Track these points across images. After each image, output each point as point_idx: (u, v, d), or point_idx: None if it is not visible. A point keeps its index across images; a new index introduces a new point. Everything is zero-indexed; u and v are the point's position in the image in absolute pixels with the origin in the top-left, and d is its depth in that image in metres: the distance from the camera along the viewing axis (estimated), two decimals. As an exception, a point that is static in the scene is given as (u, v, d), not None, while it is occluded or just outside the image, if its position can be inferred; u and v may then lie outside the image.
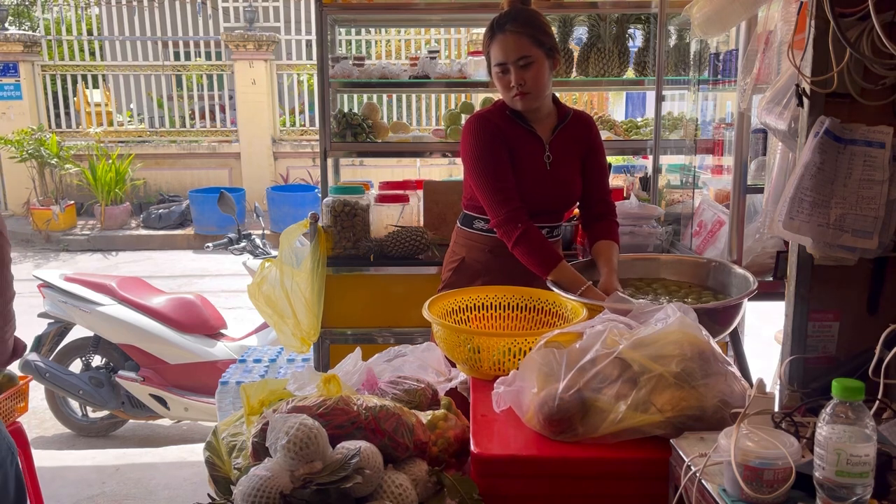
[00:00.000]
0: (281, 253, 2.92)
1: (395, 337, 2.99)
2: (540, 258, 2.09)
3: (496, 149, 2.17)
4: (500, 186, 2.14)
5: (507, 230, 2.13)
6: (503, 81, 2.15)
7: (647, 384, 1.38)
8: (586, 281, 2.02)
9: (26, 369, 3.71)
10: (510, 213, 2.12)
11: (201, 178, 9.85)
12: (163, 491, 3.14)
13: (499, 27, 2.13)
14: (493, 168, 2.16)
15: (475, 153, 2.18)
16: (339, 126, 3.29)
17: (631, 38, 3.44)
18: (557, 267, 2.05)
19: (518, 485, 1.41)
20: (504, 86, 2.16)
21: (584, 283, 2.00)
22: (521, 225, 2.11)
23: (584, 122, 2.32)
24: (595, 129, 2.34)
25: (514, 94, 2.15)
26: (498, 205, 2.14)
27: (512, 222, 2.11)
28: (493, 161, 2.16)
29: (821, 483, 1.04)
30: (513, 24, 2.11)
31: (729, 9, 2.23)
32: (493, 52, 2.15)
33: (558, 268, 2.05)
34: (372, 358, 1.80)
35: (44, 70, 9.91)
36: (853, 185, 1.45)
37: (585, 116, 2.35)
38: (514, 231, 2.11)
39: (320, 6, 3.13)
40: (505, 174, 2.15)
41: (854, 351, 1.55)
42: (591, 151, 2.30)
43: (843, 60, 1.38)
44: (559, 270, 2.05)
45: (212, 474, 1.51)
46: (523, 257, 2.12)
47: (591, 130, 2.32)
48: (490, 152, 2.16)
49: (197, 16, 10.84)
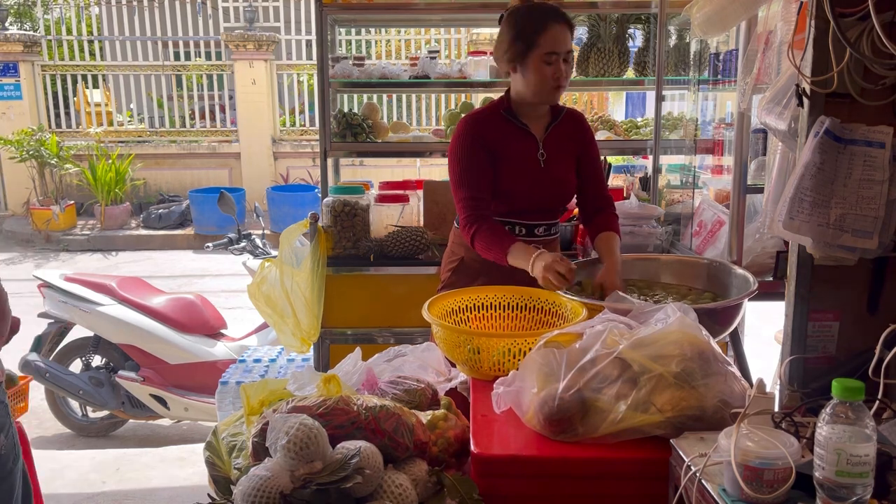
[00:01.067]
0: (281, 253, 2.92)
1: (395, 337, 2.99)
2: (494, 244, 2.10)
3: (475, 156, 2.18)
4: (469, 195, 2.17)
5: (466, 231, 2.16)
6: (547, 71, 2.10)
7: (647, 384, 1.38)
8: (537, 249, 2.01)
9: (26, 369, 3.71)
10: (469, 215, 2.15)
11: (201, 178, 9.85)
12: (163, 491, 3.14)
13: (556, 16, 2.11)
14: (466, 174, 2.18)
15: (453, 157, 2.22)
16: (339, 126, 3.29)
17: (631, 38, 3.44)
18: (512, 248, 2.05)
19: (518, 485, 1.41)
20: (546, 75, 2.10)
21: (535, 250, 2.00)
22: (478, 222, 2.13)
23: (576, 120, 2.33)
24: (587, 125, 2.36)
25: (553, 86, 2.13)
26: (462, 210, 2.18)
27: (470, 221, 2.15)
28: (467, 167, 2.18)
29: (821, 483, 1.04)
30: (561, 15, 2.12)
31: (729, 9, 2.23)
32: (545, 40, 2.08)
33: (513, 248, 2.05)
34: (372, 358, 1.80)
35: (44, 70, 9.91)
36: (853, 185, 1.45)
37: (577, 114, 2.36)
38: (471, 229, 2.14)
39: (320, 6, 3.13)
40: (477, 182, 2.17)
41: (854, 351, 1.55)
42: (585, 148, 2.31)
43: (843, 60, 1.38)
44: (514, 250, 2.05)
45: (212, 474, 1.51)
46: (481, 249, 2.14)
47: (584, 127, 2.33)
48: (466, 158, 2.19)
49: (197, 16, 10.84)
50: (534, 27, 2.09)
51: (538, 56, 2.09)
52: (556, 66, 2.10)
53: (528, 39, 2.10)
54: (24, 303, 5.60)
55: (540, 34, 2.09)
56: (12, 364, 3.70)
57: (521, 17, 2.13)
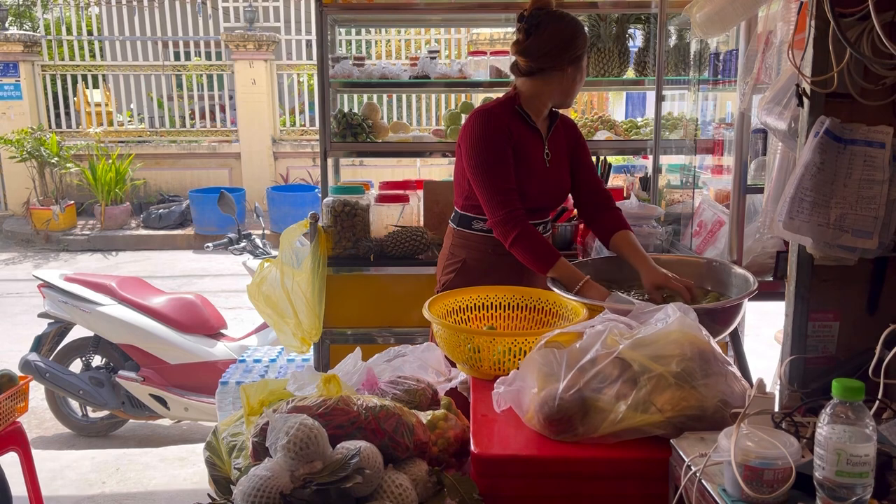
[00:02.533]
0: (281, 253, 2.92)
1: (395, 337, 2.99)
2: (538, 255, 2.10)
3: (501, 147, 2.16)
4: (503, 187, 2.14)
5: (504, 230, 2.14)
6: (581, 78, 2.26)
7: (648, 384, 1.38)
8: (584, 276, 2.02)
9: (26, 369, 3.71)
10: (508, 213, 2.13)
11: (201, 178, 9.85)
12: (163, 491, 3.14)
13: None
14: (497, 167, 2.15)
15: (479, 149, 2.17)
16: (339, 126, 3.29)
17: (631, 38, 3.44)
18: (556, 264, 2.06)
19: (518, 485, 1.41)
20: (580, 83, 2.25)
21: (582, 277, 2.01)
22: (519, 225, 2.12)
23: (568, 122, 2.41)
24: (577, 128, 2.44)
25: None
26: (498, 205, 2.14)
27: (510, 223, 2.12)
28: (497, 160, 2.15)
29: (821, 483, 1.04)
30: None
31: (729, 9, 2.23)
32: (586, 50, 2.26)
33: (557, 264, 2.06)
34: (372, 358, 1.80)
35: (44, 70, 9.91)
36: (853, 185, 1.45)
37: (568, 119, 2.43)
38: (512, 231, 2.12)
39: (320, 6, 3.13)
40: (507, 174, 2.15)
41: (854, 351, 1.55)
42: (577, 147, 2.37)
43: (843, 60, 1.38)
44: (558, 267, 2.06)
45: (212, 474, 1.52)
46: (521, 255, 2.13)
47: (575, 128, 2.42)
48: (494, 150, 2.16)
49: (197, 16, 10.84)
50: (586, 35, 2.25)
51: (585, 61, 2.24)
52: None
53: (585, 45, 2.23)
54: (24, 303, 5.61)
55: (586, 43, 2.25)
56: (12, 364, 3.71)
57: (573, 21, 2.22)
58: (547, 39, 2.16)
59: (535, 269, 2.11)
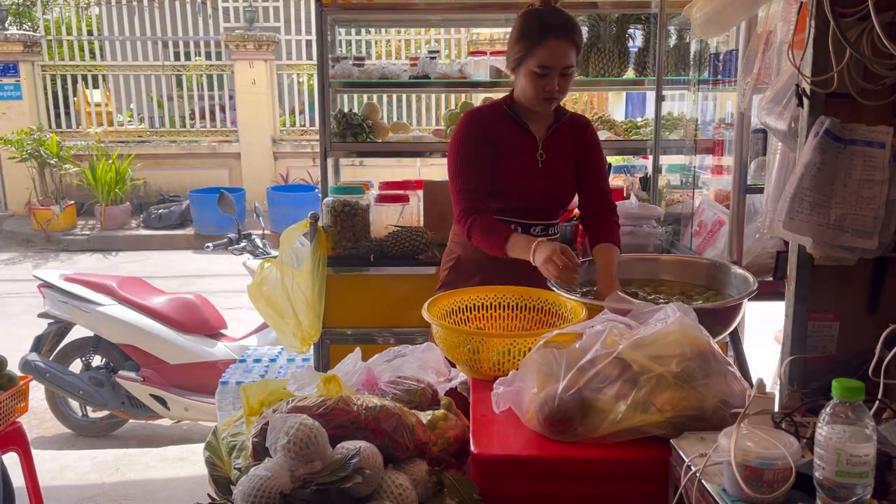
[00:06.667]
0: (281, 253, 2.92)
1: (395, 337, 2.99)
2: (493, 236, 2.11)
3: (475, 150, 2.18)
4: (465, 188, 2.18)
5: (461, 225, 2.17)
6: (539, 84, 2.08)
7: (647, 384, 1.38)
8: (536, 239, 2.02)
9: (26, 369, 3.71)
10: (466, 209, 2.16)
11: (201, 178, 9.84)
12: (163, 491, 3.14)
13: (556, 31, 2.05)
14: (464, 170, 2.18)
15: (451, 151, 2.23)
16: (339, 126, 3.29)
17: (631, 38, 3.44)
18: (510, 239, 2.06)
19: (518, 485, 1.41)
20: (539, 87, 2.09)
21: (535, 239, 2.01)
22: (473, 215, 2.14)
23: (580, 124, 2.31)
24: (591, 129, 2.33)
25: (544, 98, 2.12)
26: (458, 203, 2.19)
27: (467, 216, 2.15)
28: (465, 163, 2.18)
29: (821, 483, 1.04)
30: (565, 31, 2.06)
31: (729, 9, 2.23)
32: (541, 53, 2.06)
33: (511, 239, 2.06)
34: (372, 358, 1.79)
35: (44, 70, 9.90)
36: (853, 185, 1.44)
37: (583, 120, 2.35)
38: (467, 222, 2.15)
39: (320, 6, 3.13)
40: (475, 176, 2.17)
41: (854, 351, 1.55)
42: (585, 149, 2.29)
43: (843, 60, 1.38)
44: (513, 242, 2.05)
45: (212, 474, 1.51)
46: (479, 241, 2.14)
47: (586, 131, 2.31)
48: (467, 151, 2.19)
49: (197, 16, 10.84)
50: (536, 37, 2.06)
51: (532, 66, 2.08)
52: (549, 79, 2.08)
53: (528, 47, 2.08)
54: (24, 303, 5.61)
55: (538, 45, 2.06)
56: (12, 364, 3.70)
57: (528, 22, 2.10)
58: (509, 36, 2.16)
59: (496, 253, 2.10)
